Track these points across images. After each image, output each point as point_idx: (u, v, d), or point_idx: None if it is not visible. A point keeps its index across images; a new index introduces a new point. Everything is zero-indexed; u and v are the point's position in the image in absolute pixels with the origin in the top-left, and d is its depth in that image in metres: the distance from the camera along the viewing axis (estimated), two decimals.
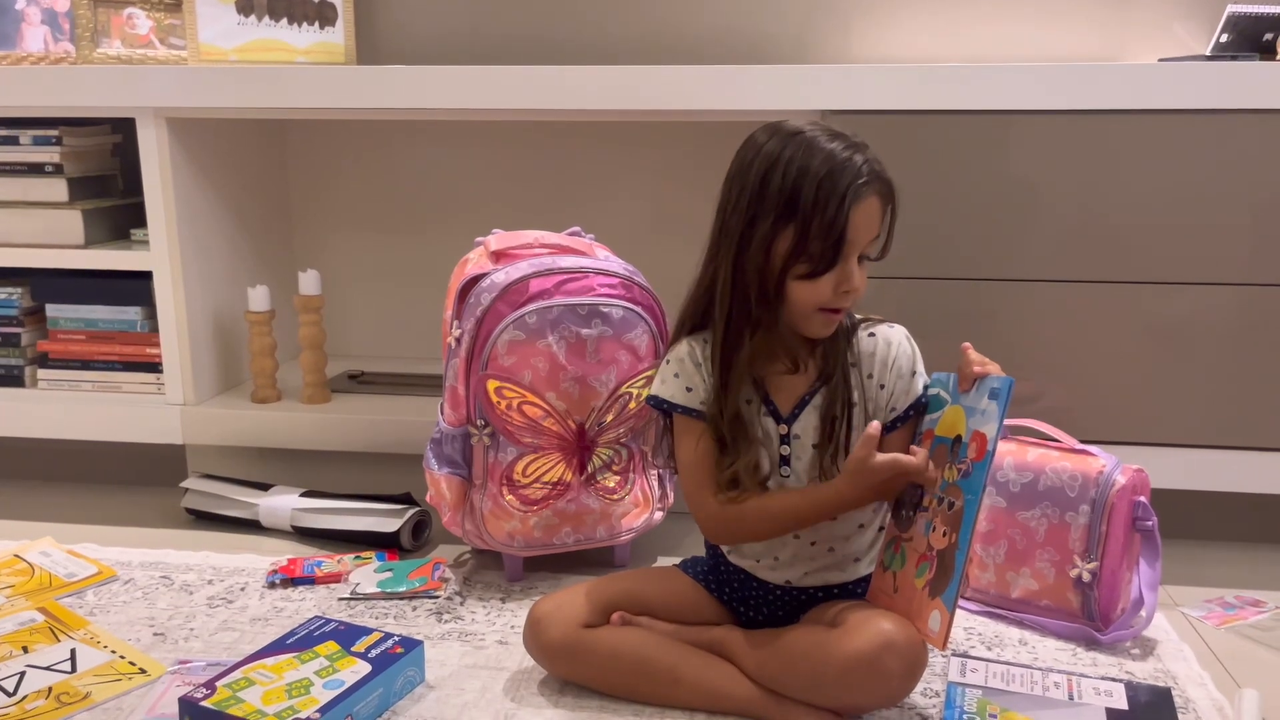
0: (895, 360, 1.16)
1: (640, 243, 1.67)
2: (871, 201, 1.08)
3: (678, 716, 1.13)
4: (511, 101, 1.60)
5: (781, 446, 1.17)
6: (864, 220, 1.08)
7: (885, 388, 1.16)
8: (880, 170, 1.10)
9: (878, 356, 1.16)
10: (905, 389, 1.16)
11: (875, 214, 1.10)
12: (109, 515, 1.72)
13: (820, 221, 1.06)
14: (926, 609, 1.06)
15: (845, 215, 1.06)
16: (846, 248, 1.08)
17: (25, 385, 1.86)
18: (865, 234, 1.09)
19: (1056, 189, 1.50)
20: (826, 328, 1.14)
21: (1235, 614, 1.38)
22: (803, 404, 1.16)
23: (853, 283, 1.09)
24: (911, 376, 1.16)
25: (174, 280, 1.74)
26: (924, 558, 1.09)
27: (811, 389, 1.17)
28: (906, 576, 1.11)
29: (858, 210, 1.07)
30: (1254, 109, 1.44)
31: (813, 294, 1.10)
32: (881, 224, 1.11)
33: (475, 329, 1.38)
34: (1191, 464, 1.53)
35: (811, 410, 1.16)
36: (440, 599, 1.41)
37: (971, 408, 1.09)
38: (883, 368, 1.16)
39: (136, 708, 1.14)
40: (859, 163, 1.08)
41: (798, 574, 1.20)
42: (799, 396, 1.17)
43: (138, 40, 1.85)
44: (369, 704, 1.11)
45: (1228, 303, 1.49)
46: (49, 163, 1.78)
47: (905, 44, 1.88)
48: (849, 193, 1.06)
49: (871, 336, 1.17)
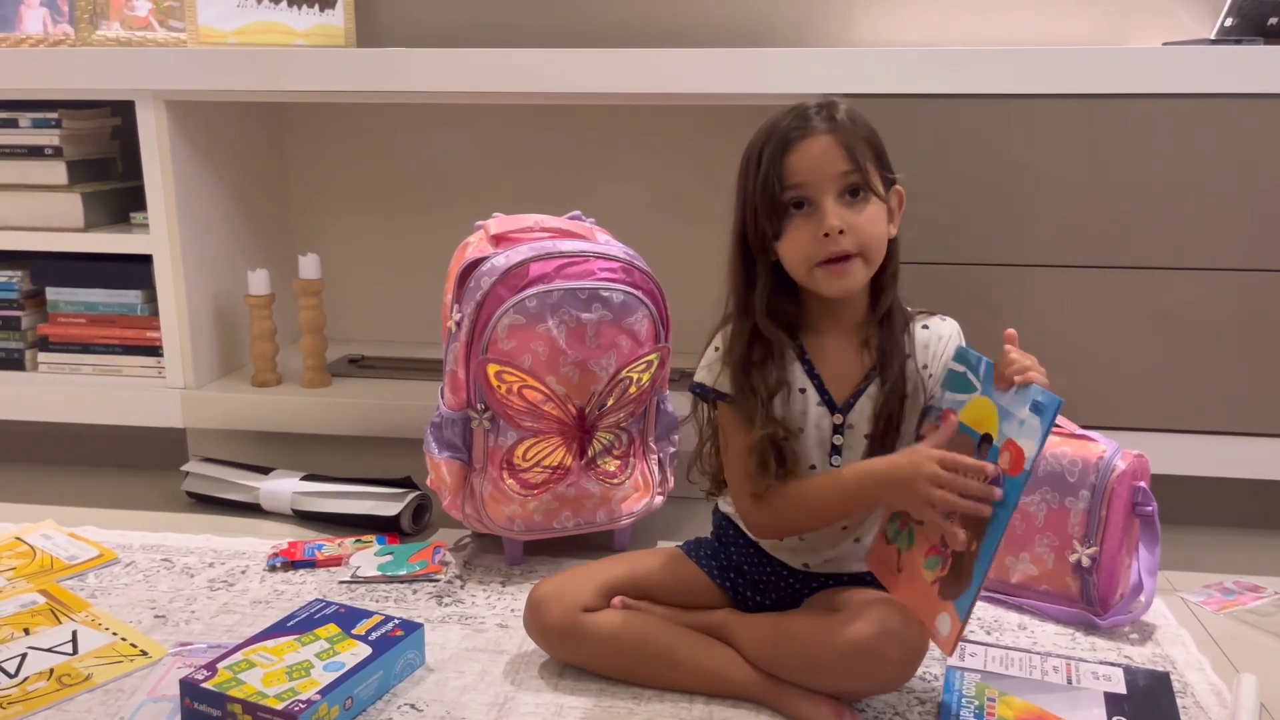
0: (945, 352, 1.14)
1: (641, 227, 1.66)
2: (817, 141, 1.06)
3: (676, 699, 1.13)
4: (512, 85, 1.60)
5: (834, 436, 1.14)
6: (807, 162, 1.06)
7: (933, 377, 1.14)
8: (834, 115, 1.07)
9: (930, 349, 1.14)
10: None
11: (827, 151, 1.06)
12: (110, 498, 1.72)
13: (759, 179, 1.07)
14: (935, 608, 1.05)
15: (777, 164, 1.06)
16: (799, 193, 1.07)
17: (25, 369, 1.86)
18: (818, 173, 1.06)
19: (1059, 174, 1.49)
20: (835, 281, 1.08)
21: (1234, 599, 1.38)
22: (858, 393, 1.14)
23: (828, 223, 1.05)
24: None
25: (174, 264, 1.74)
26: (935, 549, 1.06)
27: (867, 378, 1.14)
28: (913, 562, 1.09)
29: (794, 154, 1.06)
30: (1258, 94, 1.43)
31: (796, 250, 1.08)
32: (847, 158, 1.06)
33: (475, 313, 1.38)
34: (1192, 449, 1.53)
35: (866, 400, 1.13)
36: (440, 582, 1.41)
37: (1007, 410, 1.02)
38: (933, 359, 1.14)
39: (138, 689, 1.15)
40: (797, 115, 1.07)
41: (819, 559, 1.19)
42: (854, 386, 1.14)
43: (137, 22, 1.85)
44: (369, 686, 1.11)
45: (1230, 288, 1.49)
46: (48, 145, 1.78)
47: (907, 28, 1.87)
48: (777, 143, 1.06)
49: (925, 329, 1.16)
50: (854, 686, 1.09)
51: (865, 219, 1.08)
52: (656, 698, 1.14)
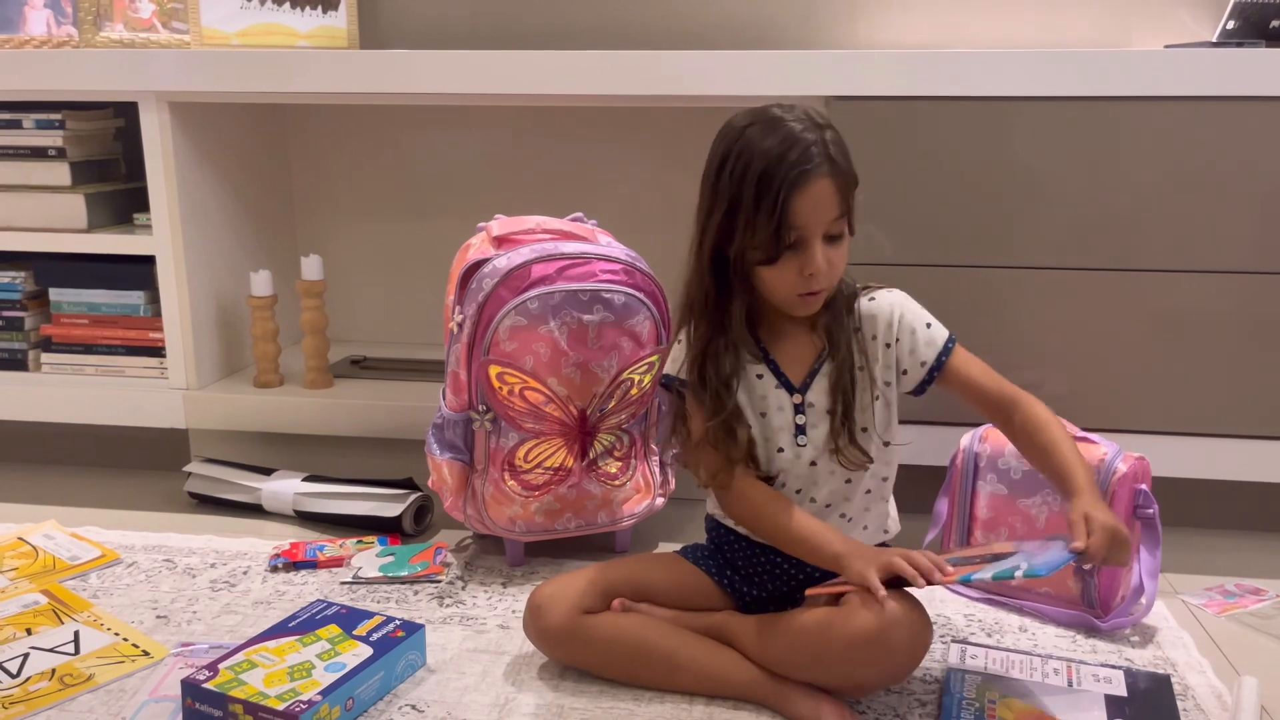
0: (900, 316, 1.19)
1: (643, 228, 1.66)
2: (818, 185, 1.09)
3: (677, 701, 1.13)
4: (514, 86, 1.60)
5: (796, 416, 1.18)
6: (809, 206, 1.09)
7: (893, 346, 1.19)
8: (830, 152, 1.10)
9: (880, 318, 1.19)
10: (926, 339, 1.19)
11: (825, 196, 1.10)
12: (112, 499, 1.73)
13: (761, 213, 1.09)
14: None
15: (784, 206, 1.08)
16: (793, 234, 1.10)
17: (29, 369, 1.86)
18: (815, 218, 1.10)
19: (1061, 176, 1.49)
20: (809, 307, 1.16)
21: (1235, 602, 1.38)
22: (813, 374, 1.19)
23: (814, 266, 1.11)
24: (927, 327, 1.19)
25: (176, 265, 1.74)
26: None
27: (819, 358, 1.19)
28: None
29: (800, 197, 1.08)
30: (1260, 96, 1.43)
31: (779, 279, 1.13)
32: (839, 203, 1.11)
33: (477, 314, 1.38)
34: (1193, 452, 1.53)
35: (822, 378, 1.19)
36: (442, 583, 1.41)
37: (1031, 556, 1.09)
38: (887, 327, 1.19)
39: (139, 689, 1.15)
40: (800, 149, 1.09)
41: None
42: (809, 366, 1.19)
43: (140, 24, 1.85)
44: (370, 687, 1.12)
45: (1231, 291, 1.48)
46: (51, 147, 1.78)
47: (910, 30, 1.87)
48: (784, 184, 1.08)
49: (872, 300, 1.20)
50: (861, 678, 1.09)
51: (839, 255, 1.14)
52: (657, 699, 1.14)
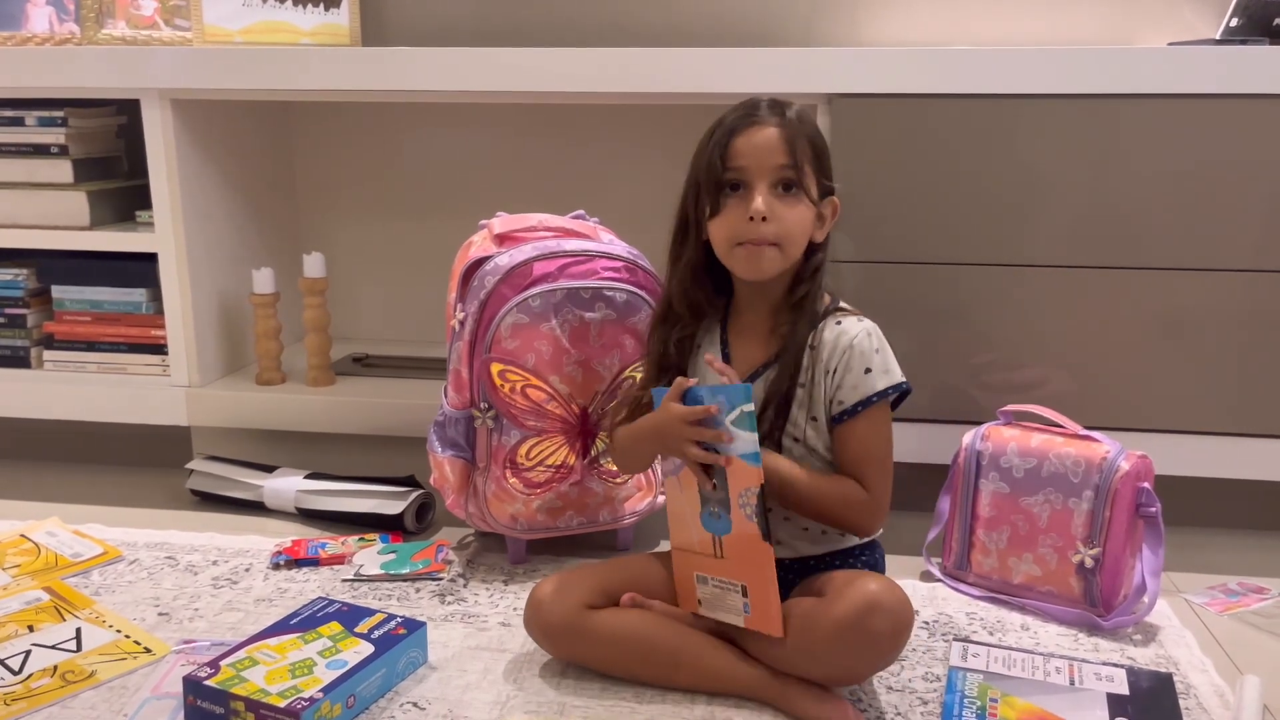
0: (847, 351, 1.16)
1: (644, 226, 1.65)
2: (762, 130, 1.14)
3: (679, 699, 1.13)
4: (517, 84, 1.60)
5: None
6: (750, 147, 1.13)
7: (831, 375, 1.17)
8: (784, 111, 1.15)
9: (831, 344, 1.17)
10: (854, 383, 1.16)
11: (769, 141, 1.13)
12: (114, 496, 1.73)
13: (706, 159, 1.15)
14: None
15: (724, 145, 1.13)
16: (732, 175, 1.14)
17: (31, 366, 1.86)
18: (758, 160, 1.13)
19: (1064, 174, 1.49)
20: (749, 263, 1.16)
21: (1238, 601, 1.38)
22: (755, 375, 1.20)
23: (754, 206, 1.12)
24: (865, 373, 1.16)
25: (179, 262, 1.74)
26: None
27: (767, 361, 1.20)
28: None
29: (740, 138, 1.13)
30: (1264, 94, 1.43)
31: (723, 227, 1.16)
32: (787, 152, 1.13)
33: (479, 312, 1.38)
34: (1195, 450, 1.52)
35: (762, 383, 1.19)
36: (443, 581, 1.41)
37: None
38: (831, 355, 1.17)
39: (141, 686, 1.15)
40: (751, 104, 1.16)
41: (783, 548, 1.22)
42: (755, 366, 1.21)
43: (142, 21, 1.85)
44: (371, 684, 1.12)
45: (1235, 289, 1.48)
46: (54, 144, 1.78)
47: (913, 28, 1.87)
48: (727, 128, 1.14)
49: (837, 324, 1.18)
50: (849, 665, 1.09)
51: (791, 214, 1.15)
52: (659, 697, 1.14)
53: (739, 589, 1.13)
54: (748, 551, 1.10)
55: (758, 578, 1.10)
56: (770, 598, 1.10)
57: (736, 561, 1.12)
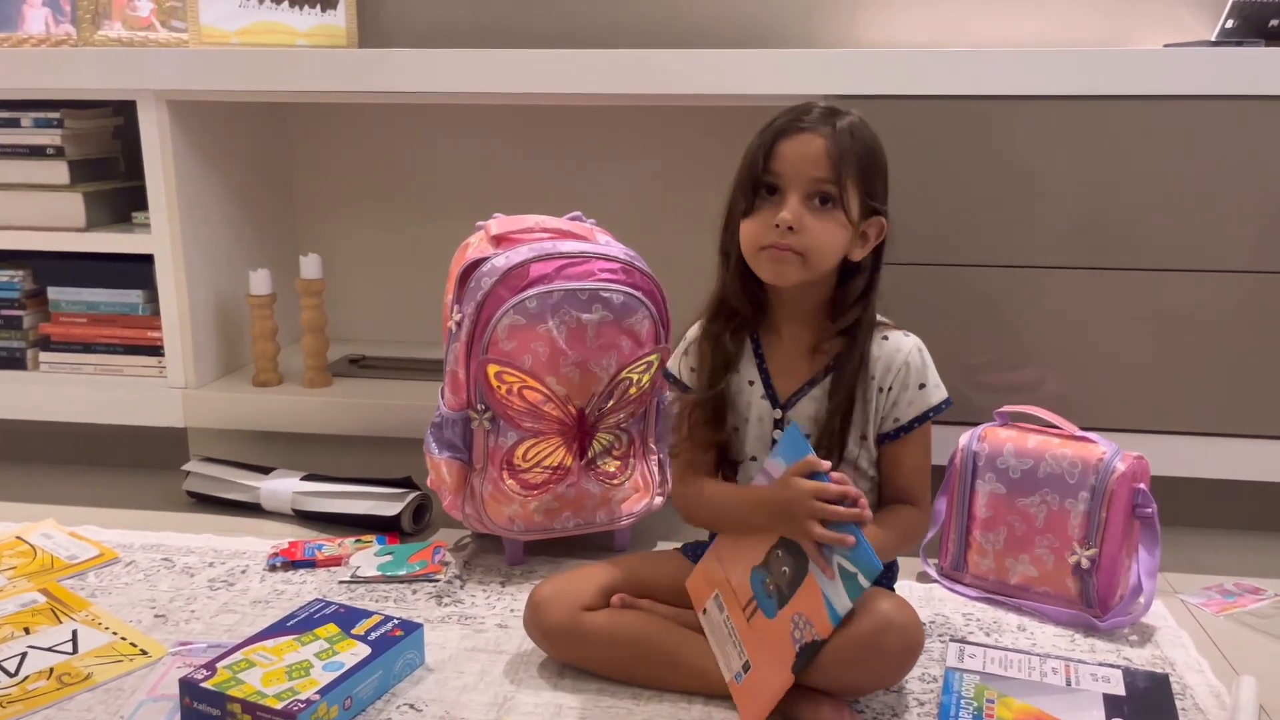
0: (903, 369, 1.16)
1: (642, 227, 1.66)
2: (806, 138, 1.10)
3: (676, 700, 1.13)
4: (514, 85, 1.60)
5: (775, 431, 1.18)
6: (794, 154, 1.10)
7: (886, 392, 1.16)
8: (835, 121, 1.11)
9: (883, 361, 1.16)
10: (910, 399, 1.16)
11: (813, 151, 1.10)
12: (110, 498, 1.73)
13: (749, 156, 1.13)
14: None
15: (768, 148, 1.11)
16: (774, 180, 1.11)
17: (27, 368, 1.86)
18: (797, 169, 1.10)
19: (1061, 175, 1.49)
20: (771, 267, 1.12)
21: (1234, 601, 1.38)
22: (801, 392, 1.18)
23: (781, 215, 1.09)
24: (920, 388, 1.16)
25: (175, 263, 1.74)
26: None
27: (813, 379, 1.17)
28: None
29: (785, 143, 1.10)
30: (1259, 95, 1.43)
31: (753, 231, 1.12)
32: (830, 167, 1.10)
33: (476, 313, 1.38)
34: (1191, 451, 1.53)
35: (809, 401, 1.17)
36: (440, 582, 1.41)
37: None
38: (885, 372, 1.16)
39: (137, 688, 1.15)
40: (803, 108, 1.13)
41: None
42: (800, 384, 1.18)
43: (139, 22, 1.85)
44: (368, 686, 1.12)
45: (1230, 290, 1.48)
46: (50, 145, 1.78)
47: (911, 29, 1.87)
48: (775, 130, 1.12)
49: (885, 340, 1.17)
50: (855, 681, 1.09)
51: (821, 228, 1.11)
52: (656, 698, 1.14)
53: (743, 660, 1.10)
54: (773, 651, 1.07)
55: (766, 680, 1.07)
56: (764, 703, 1.06)
57: (758, 643, 1.09)
